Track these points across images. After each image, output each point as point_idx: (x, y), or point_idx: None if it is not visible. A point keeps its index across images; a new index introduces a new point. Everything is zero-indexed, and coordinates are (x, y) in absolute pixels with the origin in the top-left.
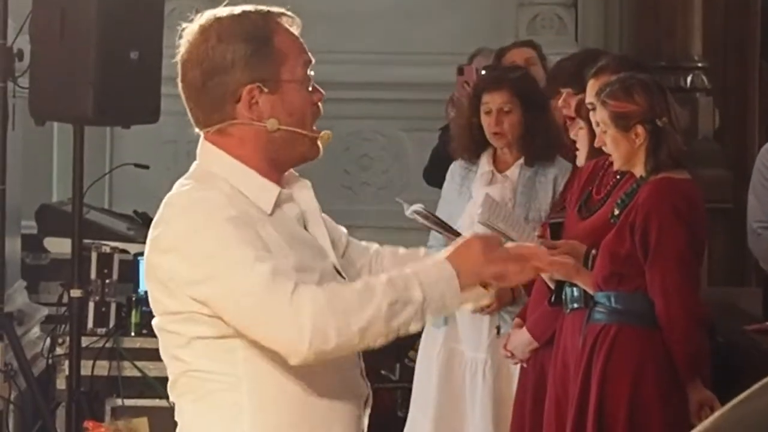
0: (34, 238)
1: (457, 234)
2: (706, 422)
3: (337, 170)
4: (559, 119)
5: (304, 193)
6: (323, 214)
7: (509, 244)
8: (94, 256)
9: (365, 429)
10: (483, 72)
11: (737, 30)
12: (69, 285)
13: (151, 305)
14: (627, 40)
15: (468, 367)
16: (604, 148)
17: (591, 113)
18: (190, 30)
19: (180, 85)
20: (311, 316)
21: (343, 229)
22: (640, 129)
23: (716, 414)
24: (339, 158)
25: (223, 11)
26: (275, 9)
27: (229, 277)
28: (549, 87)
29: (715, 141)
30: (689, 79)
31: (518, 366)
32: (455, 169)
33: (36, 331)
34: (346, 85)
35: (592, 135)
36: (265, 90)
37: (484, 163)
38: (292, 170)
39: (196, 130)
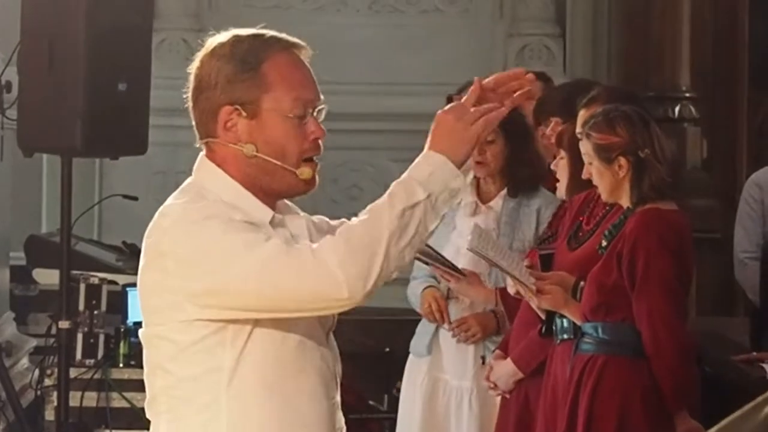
0: (23, 270)
1: (454, 267)
2: None
3: (325, 201)
4: (546, 146)
5: (296, 221)
6: (314, 218)
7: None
8: (82, 287)
9: None
10: None
11: (725, 60)
12: (57, 316)
13: (144, 315)
14: (615, 71)
15: (453, 396)
16: (591, 179)
17: (580, 143)
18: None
19: None
20: (338, 264)
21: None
22: (622, 161)
23: None
24: (327, 189)
25: (238, 32)
26: (289, 38)
27: (247, 255)
28: (536, 114)
29: (704, 171)
30: (677, 109)
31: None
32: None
33: (24, 362)
34: (335, 116)
35: (572, 165)
36: (244, 114)
37: (468, 193)
38: (286, 202)
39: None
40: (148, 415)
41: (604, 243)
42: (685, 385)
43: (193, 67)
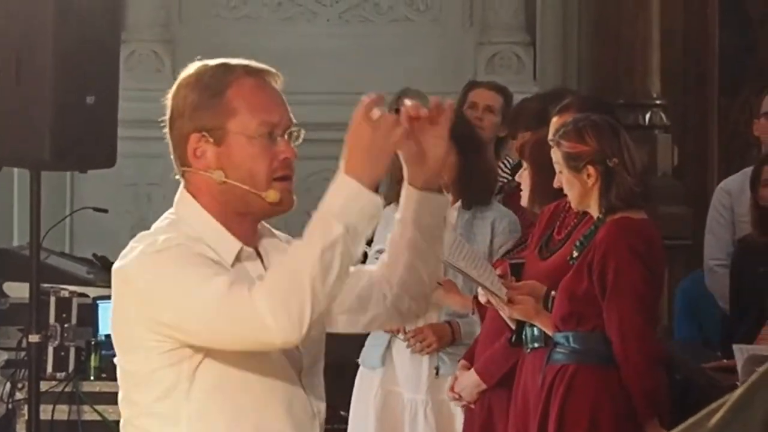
0: None
1: None
2: None
3: (298, 211)
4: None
5: (275, 257)
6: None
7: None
8: (52, 300)
9: None
10: None
11: (696, 68)
12: (28, 330)
13: (114, 345)
14: (586, 78)
15: (408, 409)
16: (562, 188)
17: (552, 151)
18: None
19: None
20: (270, 312)
21: None
22: (591, 170)
23: None
24: (300, 199)
25: (207, 61)
26: (256, 65)
27: (189, 294)
28: (511, 127)
29: (674, 178)
30: (648, 116)
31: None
32: (389, 214)
33: None
34: (306, 126)
35: (533, 176)
36: (211, 140)
37: None
38: (271, 230)
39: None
40: None
41: (575, 254)
42: (655, 393)
43: (168, 100)
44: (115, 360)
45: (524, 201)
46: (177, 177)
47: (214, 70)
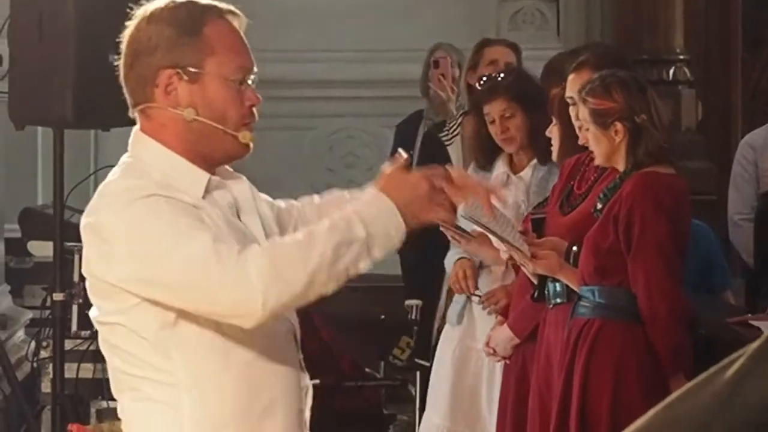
0: (18, 242)
1: (461, 229)
2: (637, 422)
3: (321, 169)
4: None
5: (238, 185)
6: (266, 197)
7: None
8: (76, 258)
9: (307, 421)
10: (481, 82)
11: (719, 23)
12: (52, 288)
13: (90, 298)
14: (609, 35)
15: (485, 364)
16: (588, 145)
17: (571, 108)
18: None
19: None
20: (258, 276)
21: (280, 205)
22: (619, 126)
23: (649, 413)
24: (323, 157)
25: None
26: (222, 5)
27: (171, 250)
28: (543, 83)
29: (699, 133)
30: (672, 71)
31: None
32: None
33: (20, 334)
34: (328, 83)
35: (562, 131)
36: (185, 78)
37: (500, 165)
38: (227, 167)
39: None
40: (113, 393)
41: (599, 206)
42: (680, 348)
43: (126, 34)
44: (92, 315)
45: (554, 156)
46: (132, 115)
47: (189, 7)
